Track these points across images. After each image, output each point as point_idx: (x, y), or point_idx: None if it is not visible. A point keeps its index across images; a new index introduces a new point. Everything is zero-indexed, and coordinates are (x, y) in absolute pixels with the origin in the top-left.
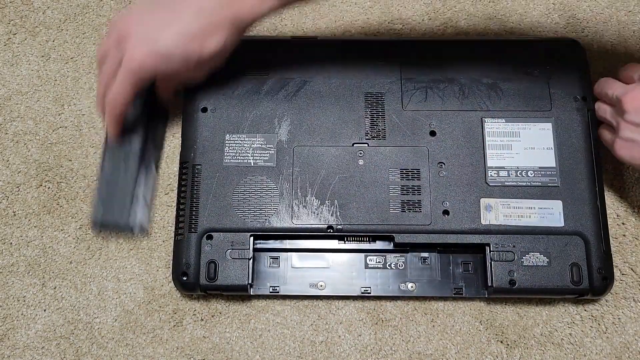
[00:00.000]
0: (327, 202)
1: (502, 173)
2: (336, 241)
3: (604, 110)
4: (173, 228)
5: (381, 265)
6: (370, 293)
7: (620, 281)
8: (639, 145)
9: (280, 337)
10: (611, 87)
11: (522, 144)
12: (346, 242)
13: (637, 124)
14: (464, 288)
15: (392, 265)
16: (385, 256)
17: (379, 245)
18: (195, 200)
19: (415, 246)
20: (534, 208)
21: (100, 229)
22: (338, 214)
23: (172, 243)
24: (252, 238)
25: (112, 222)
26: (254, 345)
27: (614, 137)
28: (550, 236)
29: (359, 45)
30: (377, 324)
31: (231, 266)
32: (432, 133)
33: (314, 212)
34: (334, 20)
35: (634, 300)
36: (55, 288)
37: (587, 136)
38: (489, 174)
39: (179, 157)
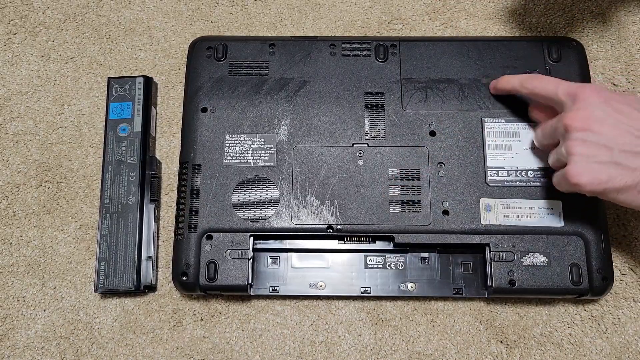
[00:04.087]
0: (327, 202)
1: (502, 173)
2: (336, 241)
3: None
4: (173, 228)
5: (381, 265)
6: (370, 293)
7: (620, 281)
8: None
9: (280, 337)
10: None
11: (522, 144)
12: (346, 242)
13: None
14: (463, 288)
15: (392, 265)
16: (385, 256)
17: (378, 245)
18: (195, 200)
19: (415, 246)
20: (534, 208)
21: (104, 292)
22: (338, 214)
23: (172, 243)
24: (252, 238)
25: (118, 289)
26: (254, 345)
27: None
28: (550, 236)
29: (358, 45)
30: (377, 324)
31: (231, 266)
32: (432, 133)
33: (314, 212)
34: (334, 20)
35: (634, 300)
36: (55, 288)
37: None
38: (489, 174)
39: (178, 157)
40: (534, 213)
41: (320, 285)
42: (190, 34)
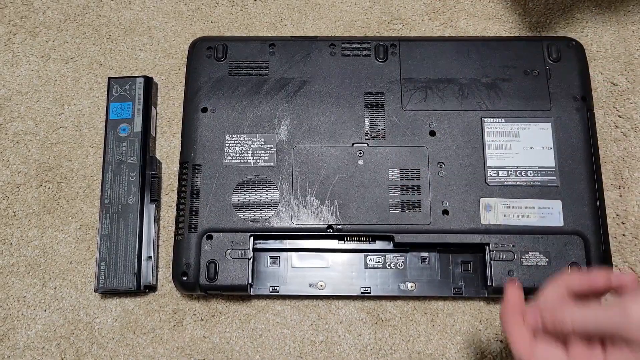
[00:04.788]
0: (327, 202)
1: (502, 173)
2: (336, 241)
3: None
4: (173, 228)
5: (381, 265)
6: (370, 293)
7: None
8: None
9: (280, 337)
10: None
11: (522, 143)
12: (346, 242)
13: None
14: (463, 288)
15: (392, 265)
16: (385, 256)
17: (378, 245)
18: (195, 200)
19: (415, 246)
20: (534, 208)
21: (104, 292)
22: (338, 213)
23: (172, 243)
24: (252, 238)
25: (118, 289)
26: (254, 345)
27: None
28: (549, 236)
29: (358, 45)
30: (377, 323)
31: (231, 266)
32: (432, 133)
33: (314, 212)
34: (334, 20)
35: None
36: (55, 288)
37: (586, 136)
38: (489, 173)
39: (178, 157)
40: (534, 213)
41: (320, 285)
42: (190, 34)
